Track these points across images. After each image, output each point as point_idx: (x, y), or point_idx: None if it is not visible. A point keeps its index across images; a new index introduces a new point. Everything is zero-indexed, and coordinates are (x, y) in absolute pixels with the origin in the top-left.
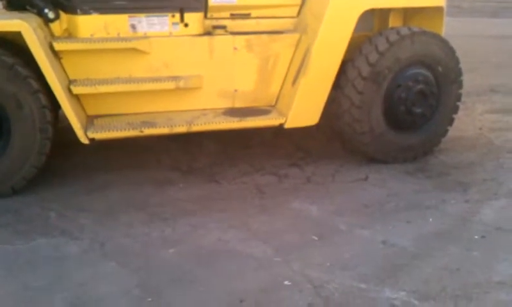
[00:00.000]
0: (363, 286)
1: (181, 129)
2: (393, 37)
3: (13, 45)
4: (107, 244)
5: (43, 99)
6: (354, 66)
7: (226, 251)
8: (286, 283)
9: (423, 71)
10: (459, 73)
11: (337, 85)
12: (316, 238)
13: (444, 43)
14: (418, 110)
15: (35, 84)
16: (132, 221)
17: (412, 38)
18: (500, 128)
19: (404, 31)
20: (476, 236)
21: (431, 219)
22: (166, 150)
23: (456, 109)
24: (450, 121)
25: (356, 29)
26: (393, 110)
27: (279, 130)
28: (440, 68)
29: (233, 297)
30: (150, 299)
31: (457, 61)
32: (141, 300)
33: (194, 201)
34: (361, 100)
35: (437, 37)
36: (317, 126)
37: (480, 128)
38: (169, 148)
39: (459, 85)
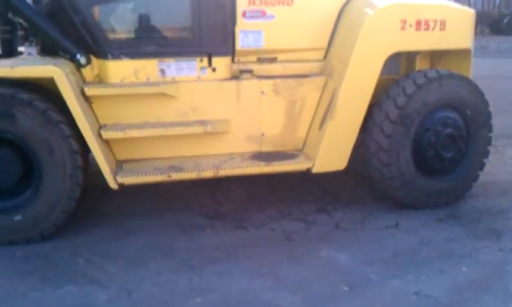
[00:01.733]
0: None
1: (208, 174)
2: (420, 80)
3: (46, 89)
4: (134, 292)
5: (75, 144)
6: (381, 109)
7: (254, 300)
8: None
9: (452, 114)
10: (488, 116)
11: (365, 128)
12: (346, 289)
13: (473, 86)
14: (447, 154)
15: (67, 130)
16: (159, 269)
17: (440, 81)
18: None
19: (432, 74)
20: None
21: (464, 269)
22: (193, 195)
23: (486, 153)
24: (481, 166)
25: (383, 72)
26: (423, 154)
27: (307, 174)
28: (468, 112)
29: None
30: None
31: (486, 105)
32: None
33: (221, 248)
34: (389, 143)
35: (465, 80)
36: (345, 170)
37: None
38: (197, 192)
39: (489, 128)
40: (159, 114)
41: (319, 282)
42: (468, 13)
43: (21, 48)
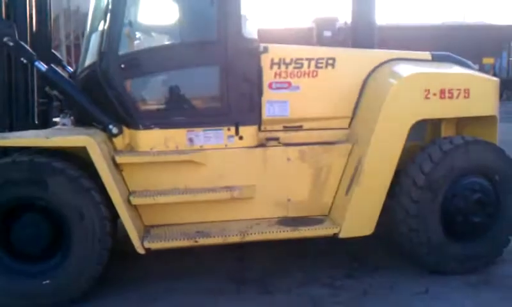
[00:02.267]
0: None
1: (235, 239)
2: (446, 146)
3: (77, 157)
4: None
5: (104, 211)
6: (408, 175)
7: None
8: None
9: (479, 180)
10: None
11: (392, 194)
12: None
13: (499, 151)
14: (476, 219)
15: (97, 196)
16: None
17: (466, 147)
18: None
19: (458, 140)
20: None
21: None
22: (218, 259)
23: None
24: (511, 231)
25: (409, 139)
26: (451, 219)
27: (334, 239)
28: (496, 177)
29: None
30: None
31: None
32: None
33: None
34: (417, 209)
35: (491, 145)
36: (373, 235)
37: None
38: (223, 256)
39: None
40: (186, 181)
41: None
42: (492, 82)
43: (56, 119)
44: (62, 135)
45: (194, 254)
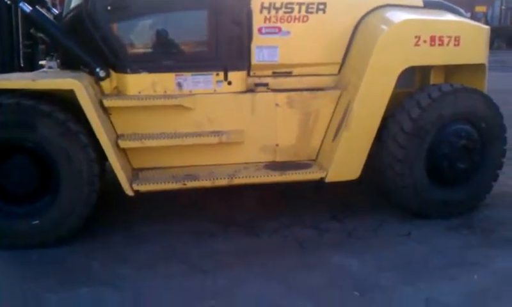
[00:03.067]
0: None
1: (222, 182)
2: (435, 93)
3: (64, 101)
4: (147, 295)
5: (92, 153)
6: (396, 120)
7: (266, 305)
8: None
9: (466, 127)
10: (503, 129)
11: (379, 140)
12: (357, 294)
13: (487, 99)
14: (461, 165)
15: (85, 139)
16: (172, 273)
17: (454, 94)
18: None
19: (446, 88)
20: None
21: (476, 276)
22: (206, 202)
23: (500, 165)
24: (495, 177)
25: (398, 86)
26: (437, 165)
27: (320, 183)
28: (483, 125)
29: None
30: None
31: (501, 118)
32: None
33: (234, 254)
34: (404, 154)
35: (479, 93)
36: (359, 180)
37: None
38: (211, 200)
39: (504, 141)
40: (175, 125)
41: (330, 288)
42: (483, 29)
43: (42, 62)
44: (49, 78)
45: (182, 198)
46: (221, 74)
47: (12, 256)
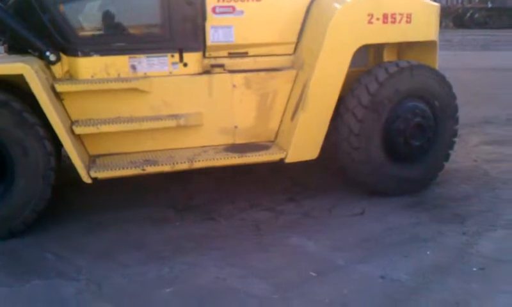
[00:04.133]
0: None
1: (183, 166)
2: (392, 69)
3: (17, 89)
4: (103, 284)
5: (49, 146)
6: (353, 95)
7: (224, 290)
8: None
9: (421, 104)
10: (455, 109)
11: (335, 118)
12: (314, 274)
13: (441, 78)
14: (416, 142)
15: (42, 131)
16: (129, 261)
17: (411, 70)
18: (495, 160)
19: (403, 64)
20: (474, 269)
21: (428, 252)
22: (163, 188)
23: (451, 145)
24: (447, 157)
25: (352, 65)
26: (392, 141)
27: (276, 165)
28: (436, 103)
29: None
30: None
31: (453, 97)
32: None
33: (191, 239)
34: (360, 128)
35: (434, 72)
36: (315, 161)
37: (475, 160)
38: (167, 186)
39: (456, 121)
40: (131, 110)
41: (288, 269)
42: (433, 7)
43: None
44: None
45: (138, 185)
46: (176, 56)
47: None
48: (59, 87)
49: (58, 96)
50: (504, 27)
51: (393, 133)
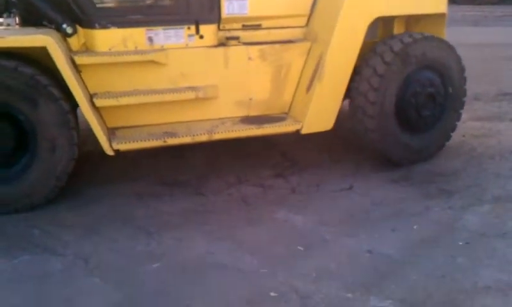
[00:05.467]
0: (349, 295)
1: (202, 138)
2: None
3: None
4: (91, 259)
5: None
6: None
7: (212, 264)
8: (272, 294)
9: (432, 75)
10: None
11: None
12: (302, 249)
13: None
14: (426, 112)
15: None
16: (116, 236)
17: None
18: (482, 135)
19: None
20: (460, 243)
21: (415, 227)
22: (151, 164)
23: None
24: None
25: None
26: (404, 110)
27: (266, 141)
28: (447, 74)
29: None
30: None
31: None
32: None
33: (180, 214)
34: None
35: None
36: (304, 137)
37: (464, 136)
38: (155, 161)
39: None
40: (148, 82)
41: (276, 243)
42: None
43: None
44: (19, 35)
45: (125, 160)
46: (193, 28)
47: None
48: (79, 60)
49: (76, 68)
50: (491, 3)
51: (405, 103)
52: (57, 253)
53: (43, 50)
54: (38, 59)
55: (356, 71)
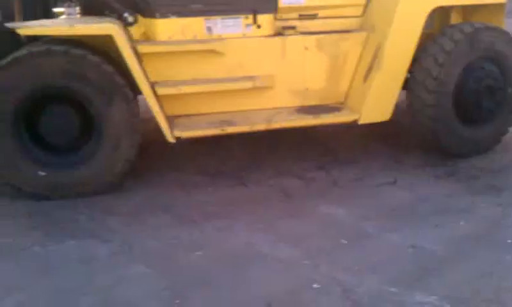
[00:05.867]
0: (393, 290)
1: (260, 127)
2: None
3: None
4: (135, 246)
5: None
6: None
7: (253, 254)
8: (314, 286)
9: (492, 66)
10: None
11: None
12: (344, 242)
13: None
14: (485, 104)
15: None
16: (159, 224)
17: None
18: None
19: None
20: (509, 240)
21: (461, 223)
22: (193, 154)
23: None
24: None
25: None
26: (463, 101)
27: (307, 133)
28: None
29: (260, 300)
30: (177, 301)
31: None
32: (169, 303)
33: (221, 204)
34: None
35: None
36: (346, 130)
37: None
38: (197, 151)
39: None
40: (206, 71)
41: (317, 236)
42: None
43: (57, 9)
44: (86, 24)
45: (168, 150)
46: (250, 17)
47: None
48: (142, 48)
49: (138, 57)
50: None
51: (464, 94)
52: (103, 239)
53: (107, 39)
54: (101, 49)
55: (414, 61)
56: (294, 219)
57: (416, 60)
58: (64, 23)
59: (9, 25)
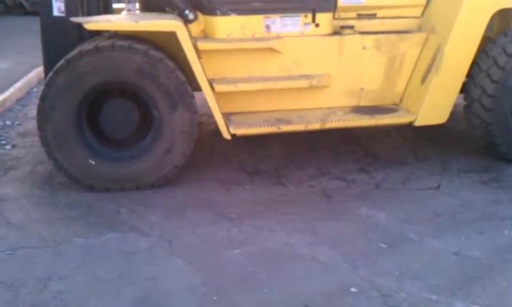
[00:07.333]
0: (433, 297)
1: (315, 126)
2: None
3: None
4: (174, 241)
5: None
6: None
7: (292, 254)
8: (352, 289)
9: None
10: None
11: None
12: (384, 246)
13: None
14: None
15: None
16: (199, 220)
17: None
18: None
19: None
20: None
21: (506, 231)
22: (233, 151)
23: None
24: None
25: None
26: None
27: (347, 134)
28: None
29: (298, 300)
30: (215, 298)
31: None
32: (206, 298)
33: (260, 203)
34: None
35: None
36: (386, 132)
37: None
38: (236, 149)
39: None
40: (262, 69)
41: (357, 238)
42: None
43: (118, 6)
44: (150, 20)
45: (207, 147)
46: (309, 16)
47: (41, 200)
48: (201, 46)
49: (198, 54)
50: None
51: None
52: (143, 233)
53: (169, 36)
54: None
55: (473, 64)
56: (333, 221)
57: (475, 63)
58: (129, 19)
59: (75, 19)
